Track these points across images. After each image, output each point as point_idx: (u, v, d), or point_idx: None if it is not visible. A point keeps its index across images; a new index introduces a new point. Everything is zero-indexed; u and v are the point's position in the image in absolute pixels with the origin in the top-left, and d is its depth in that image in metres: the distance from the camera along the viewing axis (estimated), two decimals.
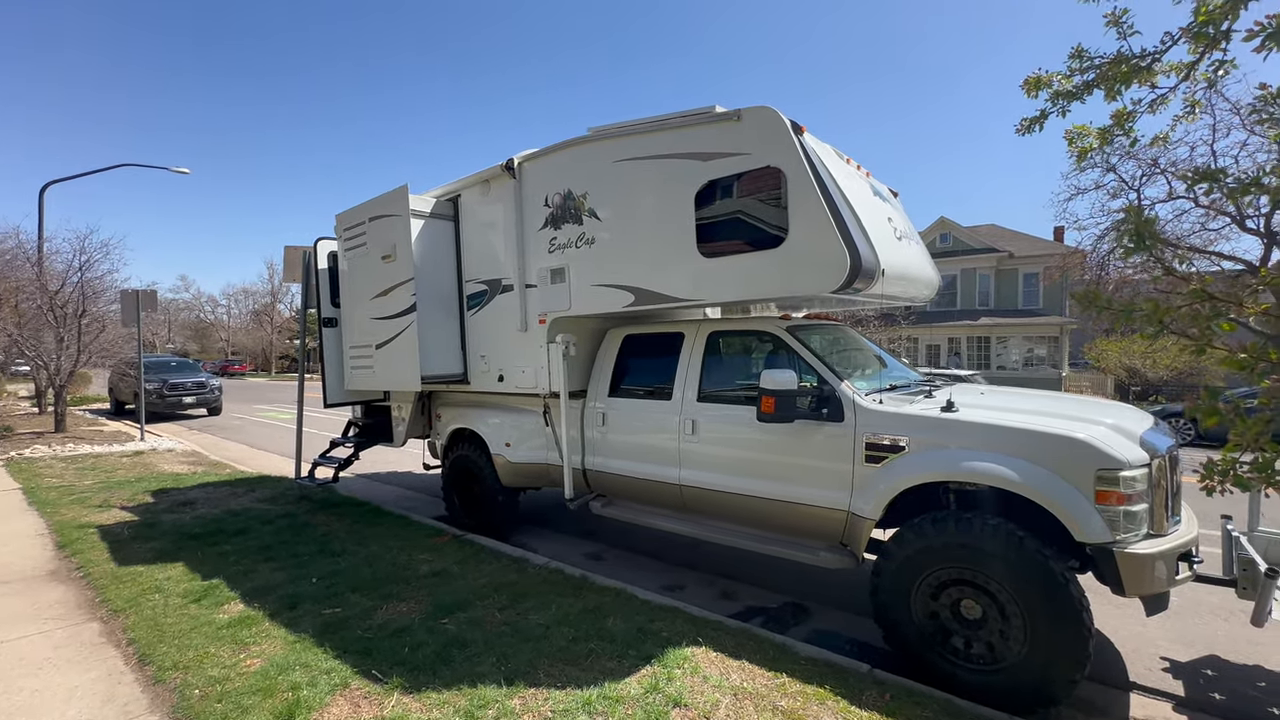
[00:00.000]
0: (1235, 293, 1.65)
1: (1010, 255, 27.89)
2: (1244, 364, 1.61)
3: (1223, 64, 1.90)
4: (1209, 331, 1.64)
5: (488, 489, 5.51)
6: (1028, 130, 2.35)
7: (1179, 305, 1.72)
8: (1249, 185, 1.50)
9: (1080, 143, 2.22)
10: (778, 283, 3.61)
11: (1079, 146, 2.23)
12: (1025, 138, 2.39)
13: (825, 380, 3.67)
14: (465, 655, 3.19)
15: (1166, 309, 1.72)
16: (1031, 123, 2.34)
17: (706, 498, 4.16)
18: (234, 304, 61.68)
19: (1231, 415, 1.74)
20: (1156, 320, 1.70)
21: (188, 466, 8.82)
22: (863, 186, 4.05)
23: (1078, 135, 2.22)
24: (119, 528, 5.64)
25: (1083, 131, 2.22)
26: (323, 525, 5.69)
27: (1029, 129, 2.35)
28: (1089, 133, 2.22)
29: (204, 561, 4.71)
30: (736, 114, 3.66)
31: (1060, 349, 26.47)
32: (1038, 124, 2.33)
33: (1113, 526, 2.75)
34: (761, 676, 2.99)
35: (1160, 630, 3.78)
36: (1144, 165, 15.95)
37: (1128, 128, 2.15)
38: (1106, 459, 2.77)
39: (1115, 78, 2.00)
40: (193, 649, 3.30)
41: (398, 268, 5.31)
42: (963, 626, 3.03)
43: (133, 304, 10.99)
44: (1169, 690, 3.21)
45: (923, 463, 3.20)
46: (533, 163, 4.84)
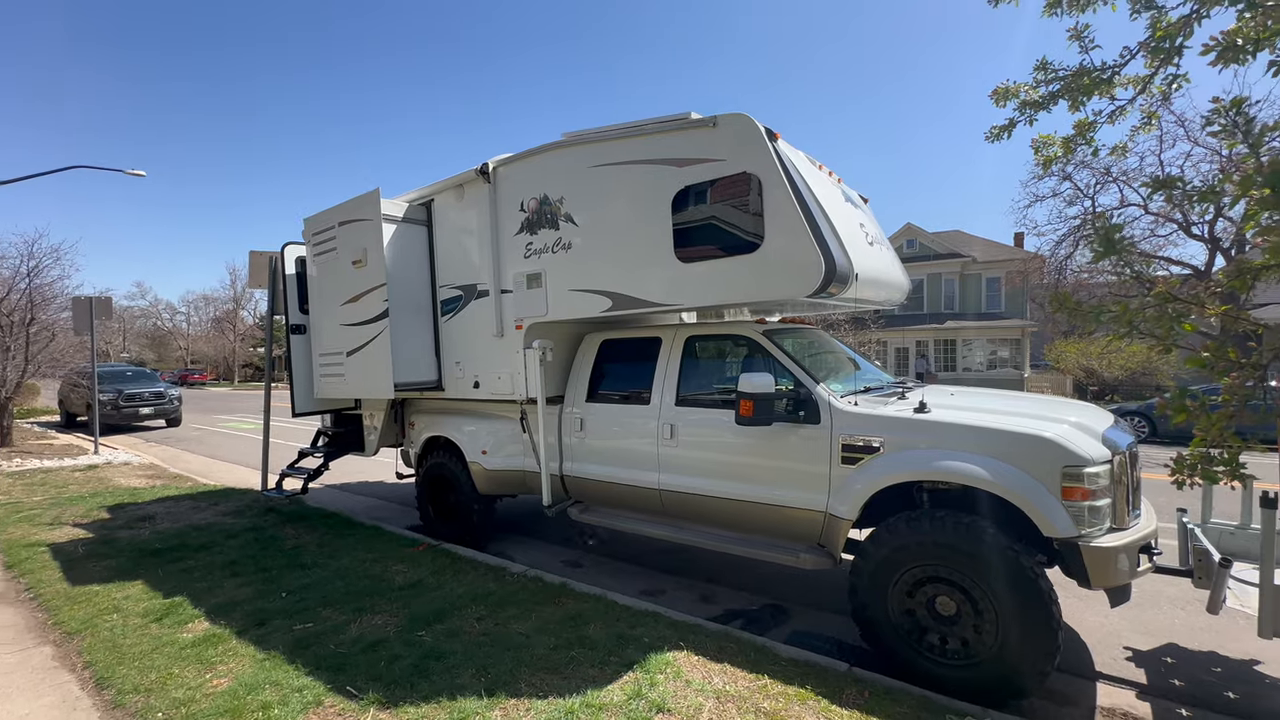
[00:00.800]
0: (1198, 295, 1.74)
1: (974, 260, 28.77)
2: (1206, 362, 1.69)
3: (1176, 78, 2.01)
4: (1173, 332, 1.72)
5: (464, 497, 5.42)
6: (997, 138, 2.45)
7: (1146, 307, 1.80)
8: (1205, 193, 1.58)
9: (1045, 151, 2.32)
10: (754, 287, 3.65)
11: (1044, 155, 2.33)
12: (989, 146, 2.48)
13: (801, 383, 3.73)
14: (444, 667, 3.12)
15: (1136, 311, 1.80)
16: (1001, 130, 2.43)
17: (686, 501, 4.17)
18: (194, 311, 59.68)
19: (1198, 412, 1.83)
20: (1126, 321, 1.78)
21: (146, 480, 8.47)
22: (835, 192, 4.13)
23: (1043, 144, 2.32)
24: (72, 546, 5.39)
25: (1048, 141, 2.32)
26: (292, 538, 5.52)
27: (998, 137, 2.45)
28: (1053, 142, 2.32)
29: (165, 579, 4.52)
30: (712, 120, 3.70)
31: (1022, 351, 27.38)
32: (1006, 132, 2.43)
33: (1078, 521, 2.84)
34: (743, 679, 3.01)
35: (1123, 621, 3.92)
36: (1097, 174, 16.64)
37: (1089, 137, 2.26)
38: (1072, 456, 2.87)
39: (1079, 89, 2.09)
40: (155, 670, 3.16)
41: (369, 273, 5.21)
42: (938, 623, 3.09)
43: (85, 311, 10.54)
44: (1132, 678, 3.32)
45: (898, 463, 3.26)
46: (508, 167, 4.80)
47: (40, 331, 11.75)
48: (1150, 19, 1.94)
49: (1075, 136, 2.26)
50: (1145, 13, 1.94)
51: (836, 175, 4.47)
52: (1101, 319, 1.83)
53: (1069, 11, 2.15)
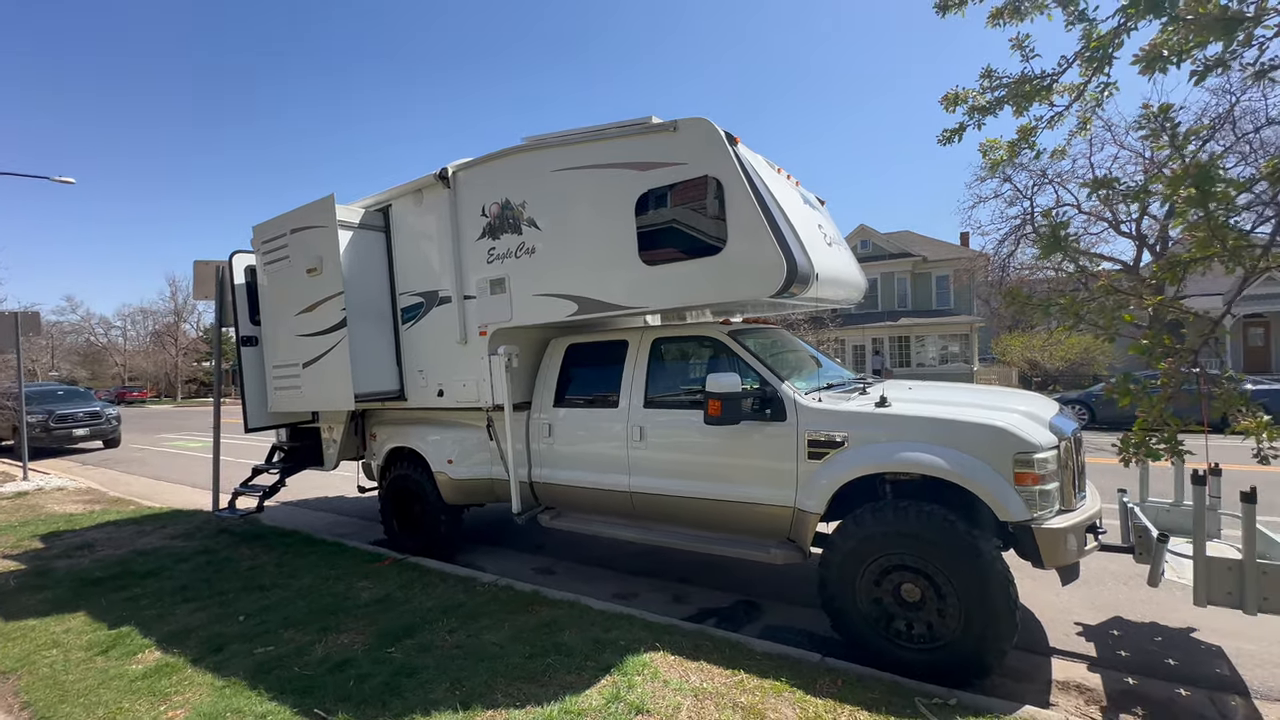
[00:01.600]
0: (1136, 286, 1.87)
1: (924, 259, 29.87)
2: (1145, 349, 1.82)
3: (1108, 86, 2.16)
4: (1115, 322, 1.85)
5: (430, 508, 5.31)
6: (948, 141, 2.58)
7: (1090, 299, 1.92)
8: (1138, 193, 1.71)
9: (992, 154, 2.46)
10: (718, 288, 3.70)
11: (991, 158, 2.47)
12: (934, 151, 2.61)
13: (767, 382, 3.80)
14: (416, 683, 3.05)
15: (1081, 304, 1.92)
16: (951, 134, 2.56)
17: (657, 503, 4.19)
18: (130, 325, 56.39)
19: (1140, 395, 1.96)
20: (1073, 313, 1.89)
21: (83, 505, 7.97)
22: (793, 195, 4.23)
23: (990, 148, 2.46)
24: (2, 578, 5.02)
25: (994, 145, 2.46)
26: (248, 559, 5.29)
27: (949, 140, 2.57)
28: (999, 145, 2.46)
29: (110, 608, 4.27)
30: (673, 125, 3.74)
31: (970, 345, 28.56)
32: (957, 135, 2.56)
33: (1030, 505, 2.99)
34: (720, 675, 3.04)
35: (1073, 598, 4.14)
36: (1035, 176, 17.54)
37: (1031, 141, 2.40)
38: (1022, 443, 3.02)
39: (1022, 95, 2.23)
40: (103, 705, 2.99)
41: (325, 281, 5.05)
42: (904, 609, 3.20)
43: (10, 327, 9.86)
44: (1083, 652, 3.51)
45: (862, 456, 3.37)
46: (468, 172, 4.75)
47: None
48: (1083, 30, 2.09)
49: (1019, 140, 2.41)
50: (1079, 24, 2.09)
51: (794, 178, 4.59)
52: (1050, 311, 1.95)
53: (1010, 21, 2.28)
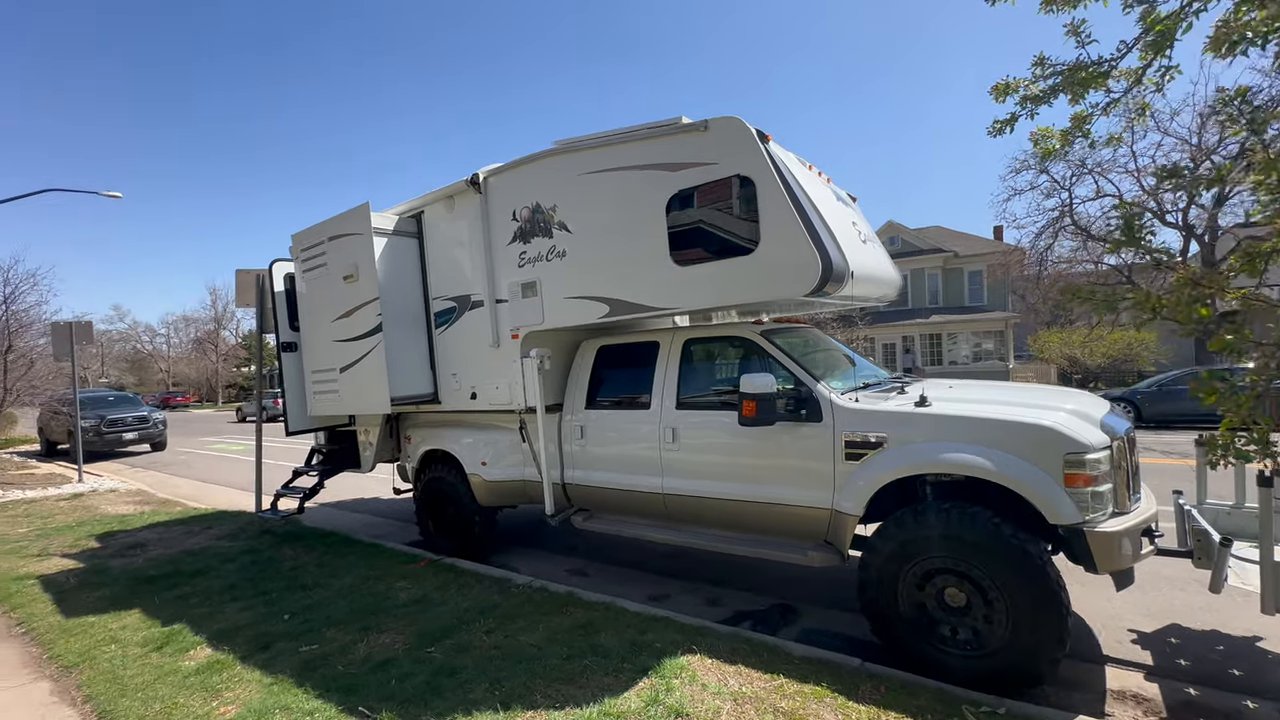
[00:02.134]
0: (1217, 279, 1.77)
1: (955, 255, 29.18)
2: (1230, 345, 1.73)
3: (1169, 70, 2.07)
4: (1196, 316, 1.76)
5: (464, 510, 5.37)
6: (999, 132, 2.50)
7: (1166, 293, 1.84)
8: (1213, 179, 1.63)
9: (1044, 144, 2.37)
10: (751, 288, 3.67)
11: (1043, 147, 2.38)
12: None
13: (802, 382, 3.75)
14: (456, 683, 3.09)
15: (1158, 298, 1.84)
16: (1003, 125, 2.48)
17: (690, 505, 4.17)
18: (174, 333, 58.68)
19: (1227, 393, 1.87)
20: (1150, 307, 1.81)
21: (134, 506, 8.30)
22: (826, 192, 4.17)
23: (1042, 137, 2.37)
24: (63, 577, 5.26)
25: (1046, 134, 2.37)
26: (290, 559, 5.44)
27: (1000, 131, 2.49)
28: (1052, 135, 2.37)
29: (163, 606, 4.43)
30: (703, 124, 3.72)
31: (1005, 342, 27.78)
32: (1009, 126, 2.47)
33: (1082, 507, 2.89)
34: (759, 680, 3.01)
35: (1125, 604, 3.98)
36: (1073, 166, 16.97)
37: (1085, 129, 2.31)
38: (1073, 443, 2.92)
39: (1078, 82, 2.14)
40: (159, 701, 3.09)
41: (361, 288, 5.16)
42: (949, 614, 3.12)
43: (65, 336, 10.33)
44: (1139, 660, 3.37)
45: (902, 457, 3.29)
46: (498, 177, 4.80)
47: (18, 359, 11.51)
48: (1142, 12, 2.00)
49: (1072, 129, 2.32)
50: (1138, 6, 2.00)
51: (826, 175, 4.52)
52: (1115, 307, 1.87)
53: (1063, 8, 2.20)
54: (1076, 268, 20.29)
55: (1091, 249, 19.14)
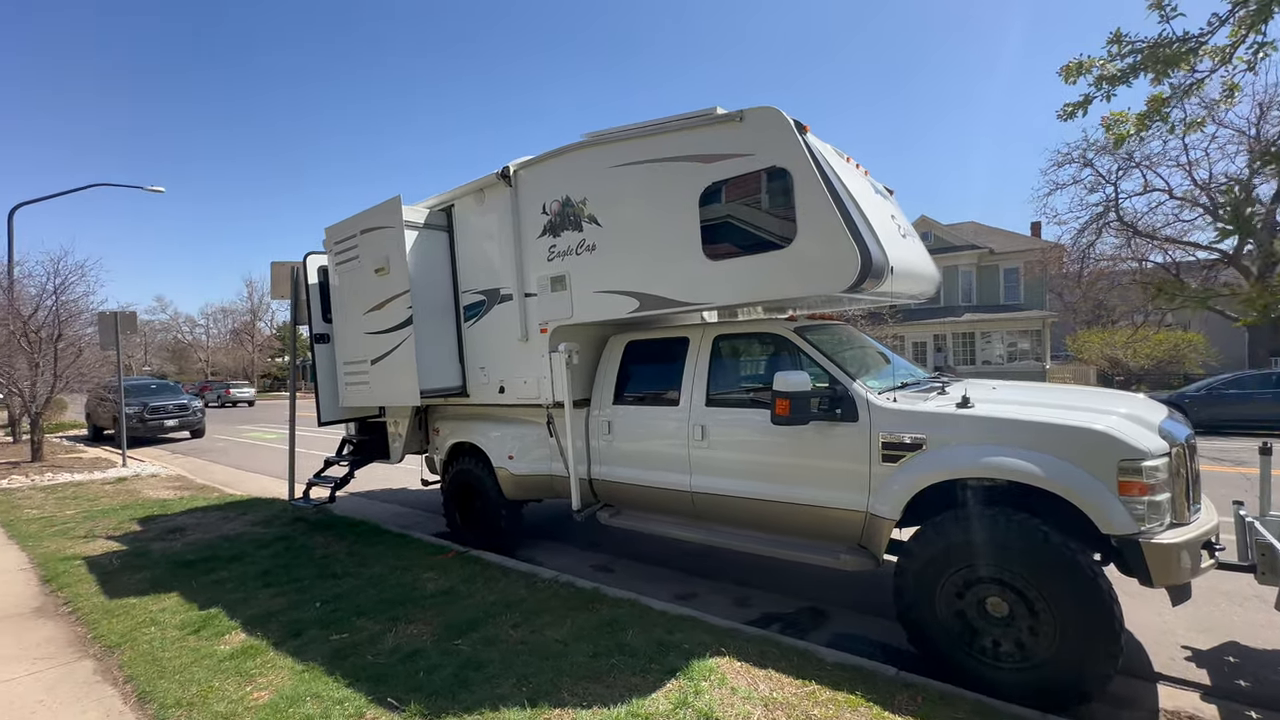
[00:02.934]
0: None
1: (990, 251, 28.36)
2: None
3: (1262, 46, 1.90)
4: None
5: (491, 503, 5.39)
6: (1070, 116, 2.35)
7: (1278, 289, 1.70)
8: None
9: (1117, 129, 2.21)
10: (786, 283, 3.57)
11: (1116, 133, 2.22)
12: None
13: (837, 380, 3.64)
14: (483, 677, 3.08)
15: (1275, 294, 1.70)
16: (1075, 108, 2.33)
17: (720, 503, 4.10)
18: (212, 323, 60.56)
19: None
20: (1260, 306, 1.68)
21: (174, 491, 8.57)
22: (864, 185, 4.04)
23: (1115, 122, 2.21)
24: (106, 558, 5.44)
25: (1120, 118, 2.21)
26: (321, 547, 5.53)
27: (1071, 115, 2.35)
28: (1126, 119, 2.20)
29: (200, 590, 4.54)
30: (739, 115, 3.63)
31: (1042, 342, 26.93)
32: (1081, 109, 2.32)
33: (1137, 517, 2.73)
34: (790, 685, 2.93)
35: (1178, 619, 3.78)
36: (1120, 160, 16.29)
37: (1164, 113, 2.15)
38: (1128, 449, 2.76)
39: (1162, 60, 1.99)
40: (196, 684, 3.16)
41: (392, 281, 5.20)
42: (990, 625, 2.99)
43: (111, 326, 10.71)
44: (1195, 679, 3.20)
45: (942, 460, 3.17)
46: (529, 170, 4.77)
47: (67, 347, 11.95)
48: None
49: (1149, 112, 2.15)
50: None
51: (864, 168, 4.38)
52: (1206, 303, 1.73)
53: None
54: (1120, 265, 19.53)
55: (1137, 246, 18.39)
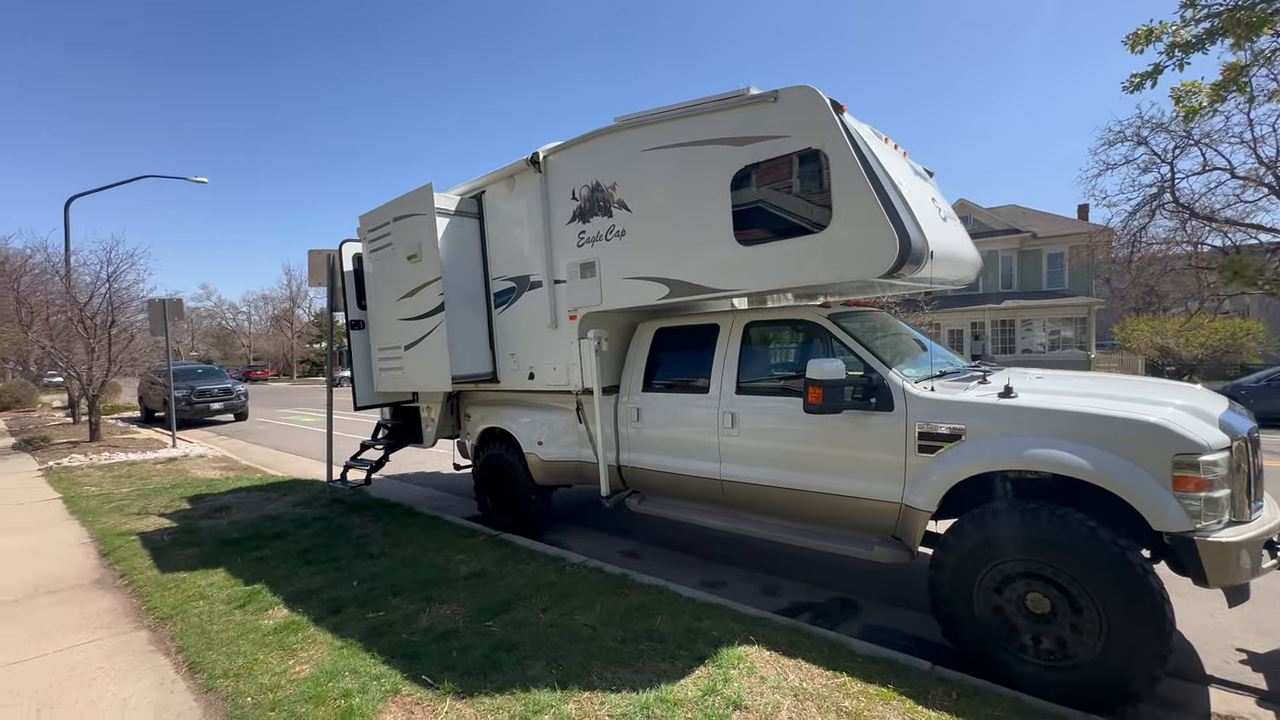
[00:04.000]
0: None
1: (1033, 236, 27.29)
2: None
3: None
4: None
5: (521, 488, 5.46)
6: (1137, 87, 2.20)
7: None
8: None
9: (1189, 101, 2.04)
10: (821, 269, 3.48)
11: (1186, 106, 2.06)
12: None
13: (872, 369, 3.55)
14: (514, 659, 3.13)
15: None
16: (1143, 78, 2.17)
17: (750, 492, 4.06)
18: (254, 310, 62.65)
19: None
20: None
21: (220, 472, 8.92)
22: (903, 167, 3.90)
23: (1186, 93, 2.04)
24: (158, 535, 5.70)
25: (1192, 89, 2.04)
26: (358, 528, 5.69)
27: (1138, 85, 2.19)
28: (1199, 90, 2.04)
29: (244, 567, 4.72)
30: (773, 95, 3.53)
31: (1088, 330, 25.89)
32: (1150, 79, 2.17)
33: (1193, 515, 2.60)
34: (820, 676, 2.90)
35: (1233, 620, 3.61)
36: (1177, 138, 15.41)
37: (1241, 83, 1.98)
38: (1185, 443, 2.63)
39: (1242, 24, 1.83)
40: (241, 656, 3.29)
41: (424, 268, 5.26)
42: (1030, 621, 2.90)
43: (160, 313, 11.14)
44: (1250, 684, 3.05)
45: (982, 451, 3.06)
46: (558, 155, 4.75)
47: (120, 333, 12.50)
48: None
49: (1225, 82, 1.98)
50: None
51: (902, 149, 4.23)
52: None
53: None
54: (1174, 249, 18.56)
55: (1194, 229, 17.43)
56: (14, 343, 15.72)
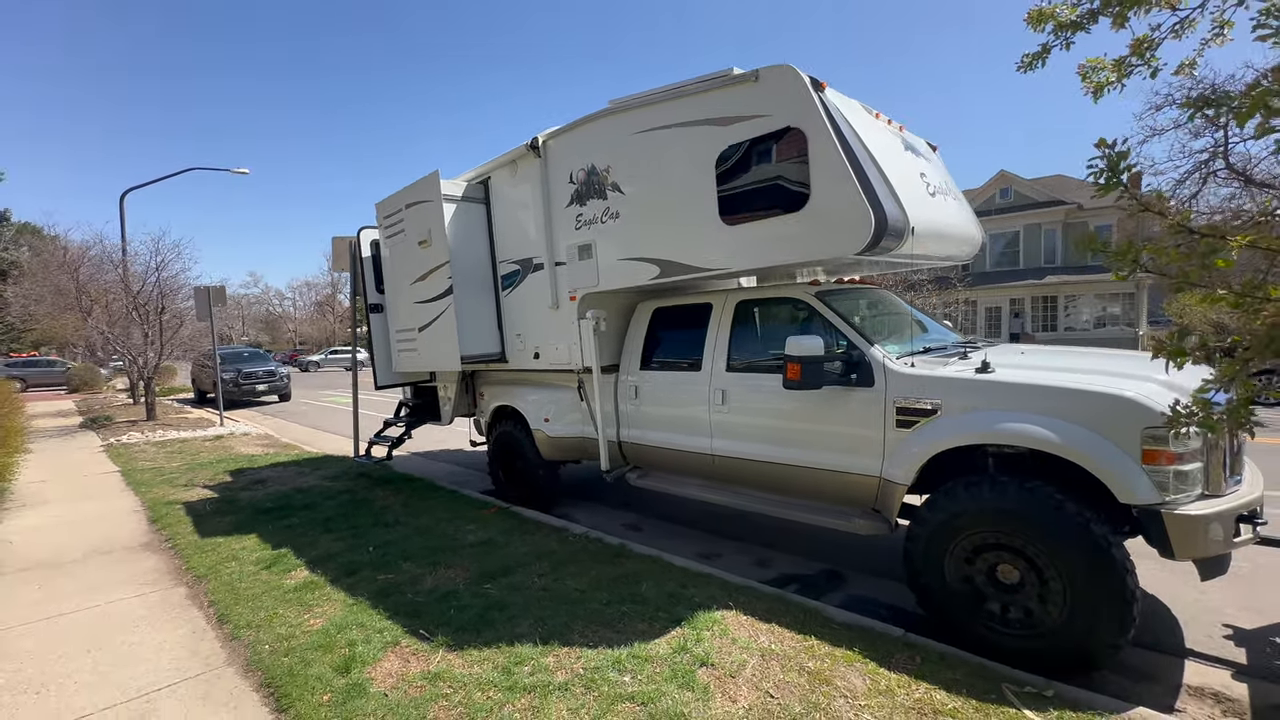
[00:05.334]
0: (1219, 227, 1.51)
1: (1079, 207, 25.99)
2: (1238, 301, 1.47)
3: None
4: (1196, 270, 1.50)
5: (529, 463, 5.70)
6: (1029, 67, 2.18)
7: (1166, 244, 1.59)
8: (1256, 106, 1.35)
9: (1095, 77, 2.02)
10: (802, 246, 3.53)
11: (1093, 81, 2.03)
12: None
13: (854, 345, 3.60)
14: (505, 617, 3.37)
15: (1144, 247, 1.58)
16: (1033, 59, 2.16)
17: (738, 467, 4.18)
18: (298, 296, 65.12)
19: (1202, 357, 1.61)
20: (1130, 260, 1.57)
21: (261, 449, 9.50)
22: (892, 141, 3.88)
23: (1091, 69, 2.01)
24: (201, 504, 6.18)
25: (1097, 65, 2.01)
26: (379, 500, 6.05)
27: (1030, 66, 2.18)
28: (1103, 65, 2.01)
29: (274, 533, 5.11)
30: (754, 74, 3.56)
31: (1137, 306, 24.67)
32: (1040, 60, 2.15)
33: (1162, 487, 2.61)
34: (790, 639, 3.03)
35: (1225, 597, 3.57)
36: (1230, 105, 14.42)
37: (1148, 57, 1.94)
38: (1154, 416, 2.62)
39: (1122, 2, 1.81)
40: (264, 610, 3.62)
41: (434, 252, 5.49)
42: (999, 591, 2.96)
43: (204, 299, 11.80)
44: (1230, 658, 3.04)
45: (956, 426, 3.10)
46: (556, 140, 4.86)
47: (171, 319, 13.29)
48: None
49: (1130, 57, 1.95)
50: None
51: (898, 124, 4.19)
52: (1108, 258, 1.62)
53: None
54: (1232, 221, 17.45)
55: (1253, 195, 16.35)
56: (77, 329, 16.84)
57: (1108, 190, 1.56)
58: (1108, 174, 1.52)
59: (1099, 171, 1.55)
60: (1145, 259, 1.56)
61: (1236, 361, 1.49)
